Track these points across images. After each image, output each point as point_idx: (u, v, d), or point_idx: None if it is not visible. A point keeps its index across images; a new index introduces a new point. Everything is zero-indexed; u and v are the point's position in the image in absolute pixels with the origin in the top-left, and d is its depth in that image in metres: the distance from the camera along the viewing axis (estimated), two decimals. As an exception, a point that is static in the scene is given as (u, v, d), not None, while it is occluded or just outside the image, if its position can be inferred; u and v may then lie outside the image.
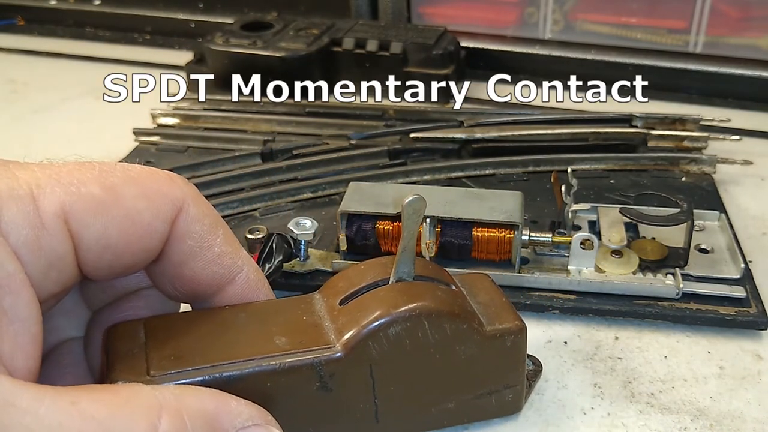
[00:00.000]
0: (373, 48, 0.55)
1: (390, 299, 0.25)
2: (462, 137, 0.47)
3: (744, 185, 0.45)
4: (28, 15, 0.74)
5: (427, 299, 0.25)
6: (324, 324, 0.25)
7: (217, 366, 0.23)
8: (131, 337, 0.24)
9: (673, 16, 0.56)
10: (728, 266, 0.36)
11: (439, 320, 0.25)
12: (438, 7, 0.62)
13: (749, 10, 0.54)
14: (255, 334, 0.24)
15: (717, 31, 0.55)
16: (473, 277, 0.29)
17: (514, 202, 0.35)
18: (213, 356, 0.23)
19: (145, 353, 0.23)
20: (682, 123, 0.48)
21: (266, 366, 0.23)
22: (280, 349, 0.23)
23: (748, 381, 0.31)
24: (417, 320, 0.24)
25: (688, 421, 0.29)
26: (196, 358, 0.23)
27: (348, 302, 0.25)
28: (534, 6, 0.59)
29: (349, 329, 0.24)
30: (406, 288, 0.25)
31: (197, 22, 0.69)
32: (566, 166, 0.43)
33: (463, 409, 0.27)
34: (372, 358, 0.24)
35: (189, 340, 0.24)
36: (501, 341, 0.26)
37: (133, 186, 0.22)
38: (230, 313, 0.25)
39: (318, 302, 0.26)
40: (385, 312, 0.24)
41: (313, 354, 0.24)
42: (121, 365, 0.22)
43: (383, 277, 0.26)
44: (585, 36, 0.58)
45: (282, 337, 0.24)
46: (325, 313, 0.25)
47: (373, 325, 0.24)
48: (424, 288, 0.25)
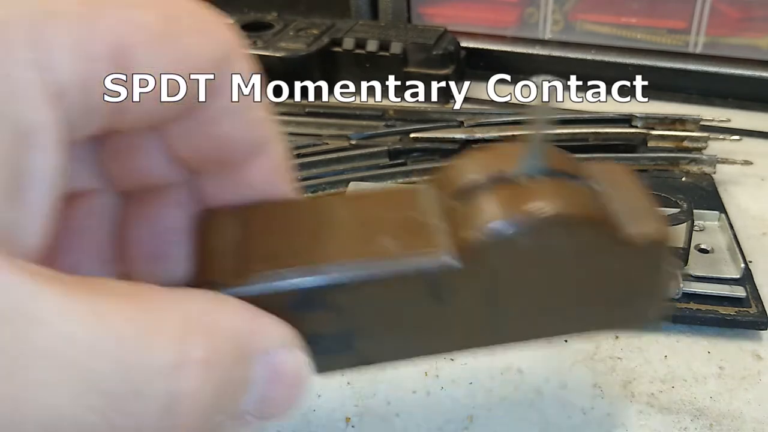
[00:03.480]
0: (373, 48, 0.55)
1: (522, 200, 0.21)
2: (462, 137, 0.47)
3: (744, 185, 0.45)
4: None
5: (561, 201, 0.21)
6: (438, 224, 0.21)
7: (317, 271, 0.20)
8: (224, 229, 0.21)
9: (673, 16, 0.56)
10: (728, 266, 0.36)
11: (575, 227, 0.21)
12: (438, 7, 0.62)
13: (749, 11, 0.54)
14: (358, 233, 0.21)
15: (717, 31, 0.55)
16: (607, 168, 0.24)
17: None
18: (312, 258, 0.20)
19: (239, 250, 0.20)
20: (682, 123, 0.48)
21: (372, 271, 0.20)
22: (388, 252, 0.20)
23: (747, 381, 0.31)
24: (553, 227, 0.21)
25: (688, 421, 0.29)
26: (293, 259, 0.20)
27: (466, 200, 0.21)
28: (534, 6, 0.59)
29: (468, 234, 0.20)
30: (541, 186, 0.21)
31: (197, 22, 0.69)
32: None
33: (585, 319, 0.24)
34: (494, 268, 0.21)
35: (285, 237, 0.21)
36: (641, 250, 0.22)
37: (191, 19, 0.18)
38: (330, 205, 0.22)
39: (428, 197, 0.22)
40: (516, 216, 0.20)
41: (426, 261, 0.20)
42: (215, 264, 0.20)
43: (508, 169, 0.21)
44: (585, 36, 0.58)
45: (389, 237, 0.21)
46: (439, 211, 0.21)
47: (498, 231, 0.20)
48: (557, 187, 0.21)
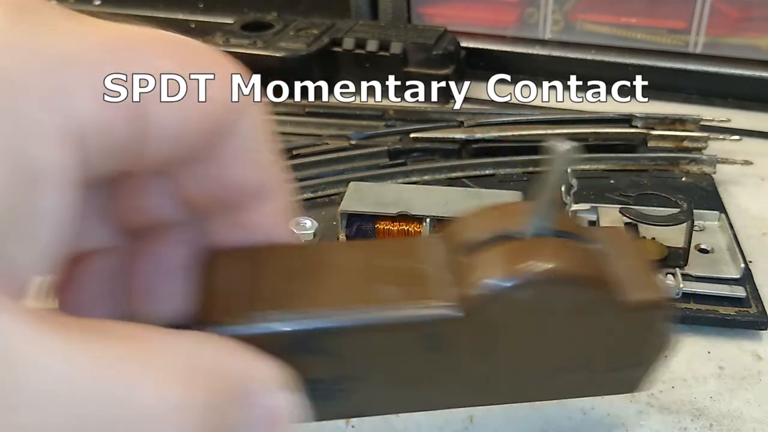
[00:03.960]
0: (373, 48, 0.55)
1: (524, 256, 0.21)
2: (462, 137, 0.47)
3: (744, 185, 0.45)
4: (28, 15, 0.74)
5: (566, 261, 0.21)
6: (441, 275, 0.21)
7: (318, 314, 0.20)
8: (228, 269, 0.21)
9: (673, 16, 0.56)
10: (728, 266, 0.36)
11: (577, 286, 0.21)
12: (438, 7, 0.62)
13: (749, 11, 0.54)
14: (360, 279, 0.21)
15: (717, 31, 0.55)
16: (609, 232, 0.25)
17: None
18: (313, 302, 0.20)
19: (242, 290, 0.20)
20: (682, 123, 0.48)
21: (371, 317, 0.20)
22: (387, 300, 0.20)
23: (747, 381, 0.31)
24: (553, 284, 0.21)
25: (688, 421, 0.29)
26: (294, 301, 0.20)
27: (472, 253, 0.21)
28: (534, 6, 0.59)
29: (472, 286, 0.20)
30: (543, 244, 0.21)
31: (197, 22, 0.69)
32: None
33: (580, 383, 0.24)
34: (494, 321, 0.21)
35: (287, 280, 0.21)
36: (640, 314, 0.22)
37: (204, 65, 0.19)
38: (335, 251, 0.22)
39: (434, 248, 0.22)
40: (517, 271, 0.20)
41: (428, 310, 0.20)
42: (218, 302, 0.20)
43: (516, 227, 0.22)
44: (585, 36, 0.58)
45: (390, 285, 0.21)
46: (443, 263, 0.22)
47: (503, 284, 0.20)
48: (559, 246, 0.21)
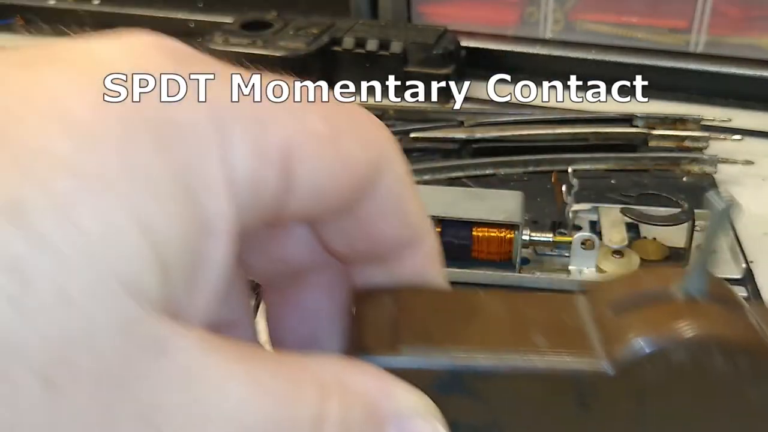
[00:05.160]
0: (373, 47, 0.55)
1: (678, 317, 0.20)
2: (462, 137, 0.47)
3: (745, 185, 0.45)
4: (28, 15, 0.74)
5: (721, 325, 0.21)
6: (591, 332, 0.21)
7: (469, 353, 0.20)
8: (380, 305, 0.21)
9: (674, 15, 0.56)
10: (729, 266, 0.36)
11: (734, 352, 0.21)
12: (438, 6, 0.62)
13: (750, 10, 0.54)
14: (511, 327, 0.21)
15: (718, 30, 0.55)
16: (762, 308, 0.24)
17: (515, 202, 0.35)
18: (464, 342, 0.20)
19: (394, 324, 0.21)
20: (683, 123, 0.48)
21: (523, 364, 0.20)
22: (539, 348, 0.20)
23: (749, 382, 0.31)
24: (708, 348, 0.20)
25: (690, 422, 0.29)
26: (446, 340, 0.20)
27: (623, 313, 0.21)
28: (534, 6, 0.58)
29: (623, 344, 0.20)
30: (697, 307, 0.21)
31: (197, 21, 0.69)
32: (567, 166, 0.43)
33: None
34: (645, 383, 0.21)
35: (438, 320, 0.21)
36: None
37: (351, 124, 0.19)
38: (483, 298, 0.22)
39: (583, 305, 0.22)
40: (670, 332, 0.20)
41: (578, 363, 0.20)
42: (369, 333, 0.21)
43: (668, 289, 0.21)
44: (585, 36, 0.58)
45: (542, 336, 0.21)
46: (593, 320, 0.21)
47: (655, 345, 0.20)
48: (717, 310, 0.21)
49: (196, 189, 0.15)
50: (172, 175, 0.15)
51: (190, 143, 0.16)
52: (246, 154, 0.16)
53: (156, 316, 0.14)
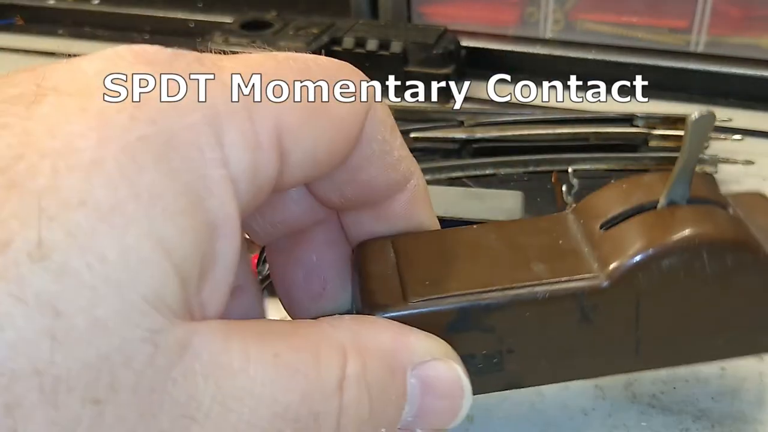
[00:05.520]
0: (373, 47, 0.55)
1: (664, 225, 0.21)
2: (462, 137, 0.47)
3: (746, 185, 0.45)
4: (27, 15, 0.74)
5: (706, 226, 0.21)
6: (584, 250, 0.22)
7: (476, 293, 0.21)
8: (382, 258, 0.22)
9: (675, 15, 0.56)
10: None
11: (720, 250, 0.21)
12: (438, 6, 0.62)
13: (751, 10, 0.54)
14: (509, 259, 0.22)
15: (719, 30, 0.55)
16: (747, 197, 0.25)
17: (515, 202, 0.35)
18: (469, 282, 0.21)
19: (399, 276, 0.21)
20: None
21: (527, 295, 0.21)
22: (540, 277, 0.21)
23: (749, 382, 0.31)
24: (695, 250, 0.21)
25: (690, 422, 0.29)
26: (451, 283, 0.21)
27: (611, 227, 0.22)
28: (534, 6, 0.58)
29: (615, 258, 0.21)
30: (681, 213, 0.22)
31: (196, 21, 0.69)
32: (567, 166, 0.43)
33: (728, 345, 0.24)
34: (640, 290, 0.22)
35: (440, 262, 0.22)
36: None
37: (333, 83, 0.19)
38: (478, 234, 0.23)
39: (573, 224, 0.23)
40: (658, 240, 0.21)
41: (577, 283, 0.21)
42: (378, 289, 0.21)
43: (651, 199, 0.22)
44: (585, 36, 0.58)
45: (540, 263, 0.22)
46: (584, 238, 0.23)
47: (645, 254, 0.21)
48: (701, 213, 0.22)
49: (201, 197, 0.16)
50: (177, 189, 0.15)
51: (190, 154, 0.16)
52: (241, 150, 0.17)
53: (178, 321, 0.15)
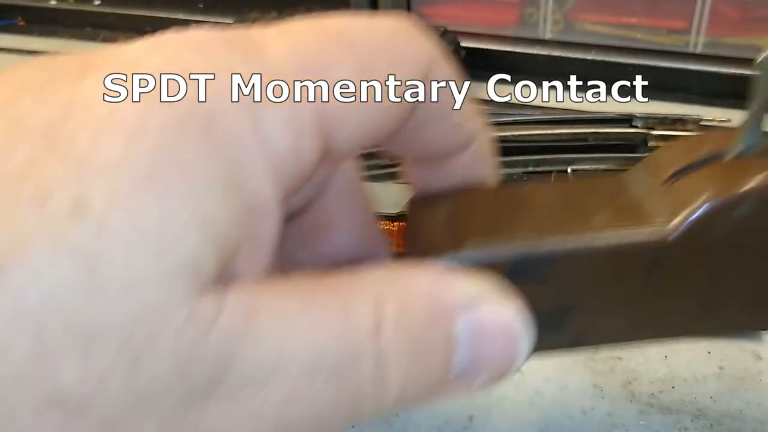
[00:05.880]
0: (373, 48, 0.55)
1: (735, 175, 0.20)
2: (462, 137, 0.47)
3: (744, 185, 0.45)
4: (28, 15, 0.74)
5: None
6: (648, 203, 0.21)
7: (535, 240, 0.20)
8: (438, 209, 0.22)
9: (674, 16, 0.56)
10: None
11: None
12: (438, 7, 0.62)
13: (750, 11, 0.54)
14: (571, 212, 0.21)
15: (717, 31, 0.55)
16: None
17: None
18: (527, 233, 0.20)
19: (454, 226, 0.21)
20: (683, 123, 0.48)
21: (589, 243, 0.20)
22: (601, 228, 0.20)
23: (747, 381, 0.31)
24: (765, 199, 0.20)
25: (689, 421, 0.29)
26: (508, 232, 0.20)
27: (678, 179, 0.21)
28: (534, 6, 0.59)
29: (681, 209, 0.20)
30: (752, 162, 0.21)
31: (197, 22, 0.69)
32: (566, 166, 0.43)
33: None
34: (708, 242, 0.21)
35: (498, 213, 0.21)
36: None
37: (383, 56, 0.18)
38: (537, 188, 0.23)
39: (638, 179, 0.22)
40: (729, 189, 0.20)
41: (641, 235, 0.20)
42: (430, 237, 0.21)
43: (721, 151, 0.21)
44: (585, 36, 0.58)
45: (602, 216, 0.21)
46: (650, 191, 0.21)
47: (715, 204, 0.20)
48: None
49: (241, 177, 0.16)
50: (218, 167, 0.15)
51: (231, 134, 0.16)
52: (282, 132, 0.16)
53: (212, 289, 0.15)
